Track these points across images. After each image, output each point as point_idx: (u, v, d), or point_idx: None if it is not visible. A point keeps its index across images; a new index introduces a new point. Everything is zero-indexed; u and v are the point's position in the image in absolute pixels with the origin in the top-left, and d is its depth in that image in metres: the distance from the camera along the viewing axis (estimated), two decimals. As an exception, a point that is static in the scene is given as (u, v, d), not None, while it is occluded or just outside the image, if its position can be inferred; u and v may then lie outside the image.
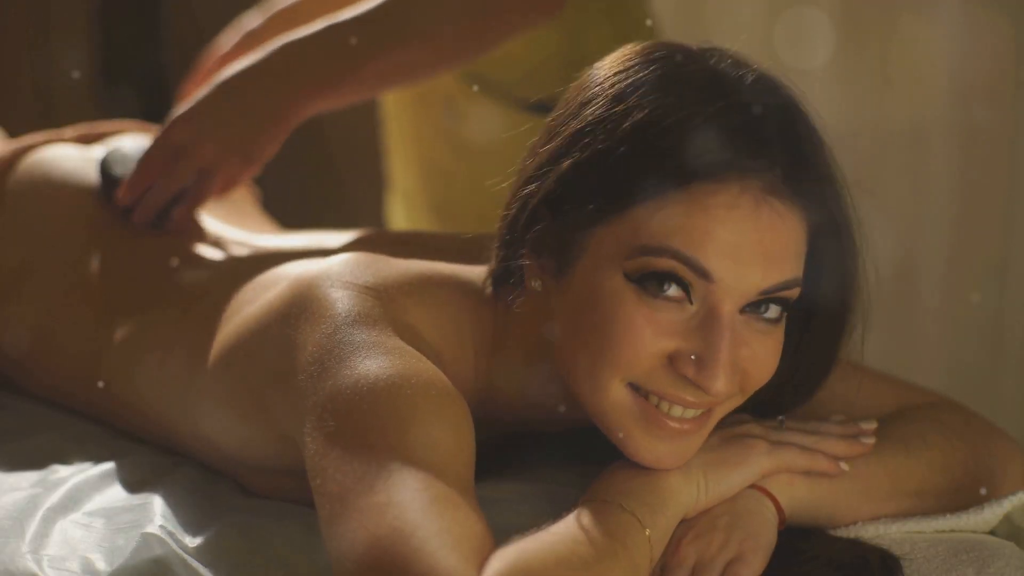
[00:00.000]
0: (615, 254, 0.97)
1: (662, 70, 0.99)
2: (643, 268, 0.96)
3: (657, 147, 0.96)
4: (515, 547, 0.89)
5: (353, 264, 1.08)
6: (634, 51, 1.02)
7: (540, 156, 1.02)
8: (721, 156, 0.95)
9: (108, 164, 1.43)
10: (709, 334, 0.96)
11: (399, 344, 1.00)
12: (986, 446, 1.13)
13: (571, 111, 1.01)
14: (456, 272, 1.11)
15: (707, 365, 0.96)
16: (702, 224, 0.95)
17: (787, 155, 0.97)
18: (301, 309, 1.05)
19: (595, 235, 0.98)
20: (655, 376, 0.97)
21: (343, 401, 0.96)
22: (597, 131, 0.98)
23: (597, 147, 0.97)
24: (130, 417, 1.31)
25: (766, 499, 1.03)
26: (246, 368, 1.09)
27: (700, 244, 0.95)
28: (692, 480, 1.01)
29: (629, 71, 1.00)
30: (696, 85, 0.98)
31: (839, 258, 1.01)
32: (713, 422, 1.01)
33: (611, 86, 1.00)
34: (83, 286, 1.36)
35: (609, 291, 0.97)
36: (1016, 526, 1.10)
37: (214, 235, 1.41)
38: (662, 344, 0.97)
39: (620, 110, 0.97)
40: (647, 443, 0.99)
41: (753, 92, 0.98)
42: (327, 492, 0.93)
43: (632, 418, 0.99)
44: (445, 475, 0.92)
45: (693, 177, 0.95)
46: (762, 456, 1.04)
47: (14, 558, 1.05)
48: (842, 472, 1.05)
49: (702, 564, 0.98)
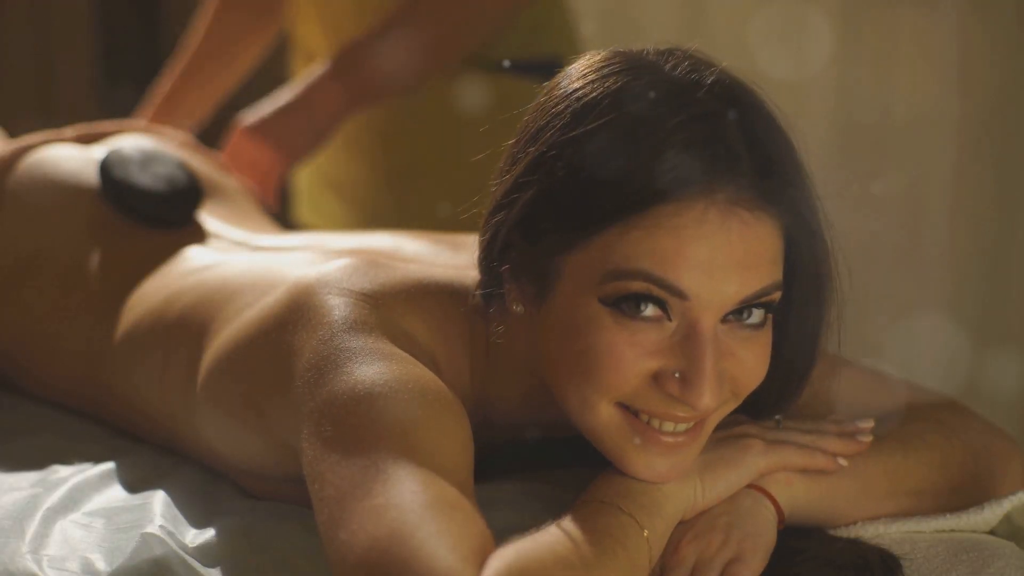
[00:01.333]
0: (588, 280, 0.95)
1: (616, 86, 0.96)
2: (617, 292, 0.94)
3: (616, 171, 0.94)
4: (514, 547, 0.89)
5: (350, 270, 1.08)
6: (588, 66, 1.00)
7: (506, 182, 1.00)
8: (683, 174, 0.93)
9: (108, 165, 1.43)
10: (691, 350, 0.95)
11: (395, 350, 1.00)
12: (986, 446, 1.13)
13: (529, 135, 0.99)
14: (453, 279, 1.10)
15: (691, 383, 0.95)
16: (670, 244, 0.93)
17: (751, 163, 0.95)
18: (298, 316, 1.05)
19: (568, 261, 0.97)
20: (642, 395, 0.97)
21: (340, 407, 0.96)
22: (556, 158, 0.96)
23: (557, 174, 0.96)
24: (130, 417, 1.31)
25: (764, 499, 1.03)
26: (243, 373, 1.09)
27: (671, 264, 0.93)
28: (689, 481, 1.00)
29: (584, 89, 0.97)
30: (652, 101, 0.95)
31: (810, 253, 0.99)
32: (708, 430, 1.00)
33: (566, 108, 0.97)
34: (83, 286, 1.36)
35: (587, 317, 0.96)
36: (1016, 526, 1.10)
37: (214, 235, 1.41)
38: (645, 364, 0.95)
39: (576, 135, 0.95)
40: (644, 460, 0.98)
41: (711, 100, 0.95)
42: (325, 496, 0.93)
43: (625, 437, 0.98)
44: (443, 477, 0.92)
45: (655, 199, 0.93)
46: (759, 456, 1.03)
47: (14, 558, 1.05)
48: (840, 468, 1.05)
49: (701, 564, 0.98)
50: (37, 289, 1.38)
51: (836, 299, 1.03)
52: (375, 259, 1.12)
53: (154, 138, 1.57)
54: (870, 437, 1.06)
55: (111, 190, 1.42)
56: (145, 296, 1.30)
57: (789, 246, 0.98)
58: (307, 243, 1.35)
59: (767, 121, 0.97)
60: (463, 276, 1.11)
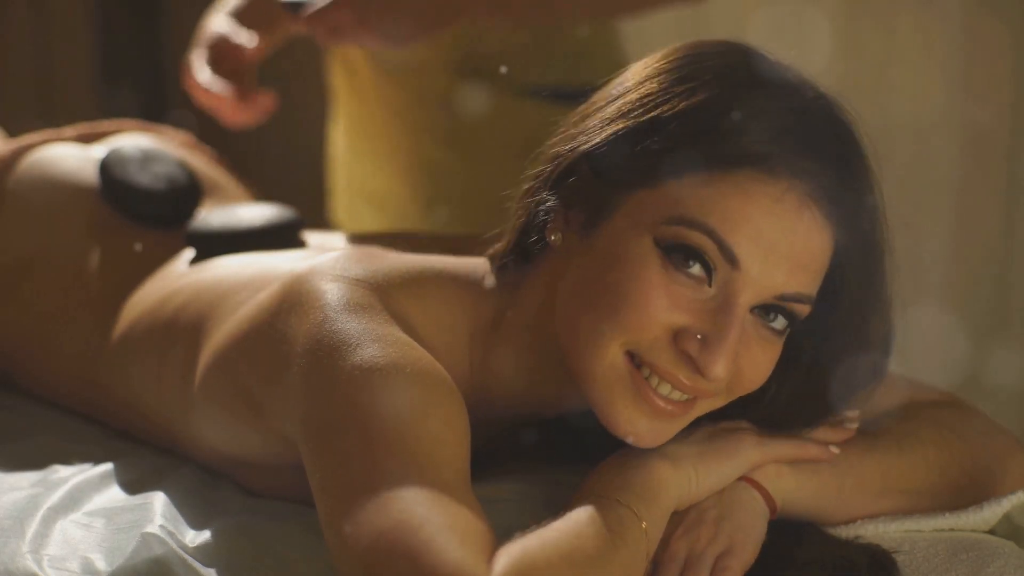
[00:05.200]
0: (650, 219, 0.98)
1: (733, 60, 1.01)
2: (675, 238, 0.96)
3: (718, 125, 0.97)
4: (519, 544, 0.90)
5: (344, 259, 1.08)
6: (701, 42, 1.04)
7: (589, 116, 1.03)
8: (779, 149, 0.96)
9: (108, 164, 1.43)
10: (721, 318, 0.96)
11: (391, 331, 1.00)
12: (985, 445, 1.13)
13: (633, 81, 1.02)
14: (448, 265, 1.11)
15: (712, 347, 0.96)
16: (743, 209, 0.96)
17: (838, 169, 0.98)
18: (292, 304, 1.04)
19: (634, 197, 0.99)
20: (656, 348, 0.98)
21: (340, 393, 0.96)
22: (659, 101, 0.99)
23: (658, 115, 0.98)
24: (128, 417, 1.31)
25: (754, 491, 1.04)
26: (240, 368, 1.09)
27: (737, 228, 0.96)
28: (683, 472, 1.01)
29: (697, 56, 1.02)
30: (765, 80, 0.99)
31: (862, 288, 1.02)
32: (694, 414, 1.01)
33: (678, 66, 1.01)
34: (82, 286, 1.36)
35: (635, 253, 0.97)
36: (1015, 525, 1.10)
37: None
38: (673, 317, 0.97)
39: (687, 87, 0.99)
40: (629, 414, 0.99)
41: (818, 102, 1.00)
42: (327, 487, 0.93)
43: (621, 386, 0.99)
44: (445, 468, 0.92)
45: (747, 162, 0.96)
46: (751, 447, 1.04)
47: (14, 558, 1.05)
48: (832, 456, 1.06)
49: (693, 558, 0.98)
50: (37, 289, 1.39)
51: (880, 350, 1.05)
52: (369, 251, 1.12)
53: (154, 138, 1.57)
54: (856, 423, 1.07)
55: (111, 189, 1.42)
56: (143, 296, 1.30)
57: (835, 268, 1.00)
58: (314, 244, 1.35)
59: (859, 146, 1.01)
60: (463, 262, 1.11)
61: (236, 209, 1.40)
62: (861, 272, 1.01)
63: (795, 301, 0.98)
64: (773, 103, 0.98)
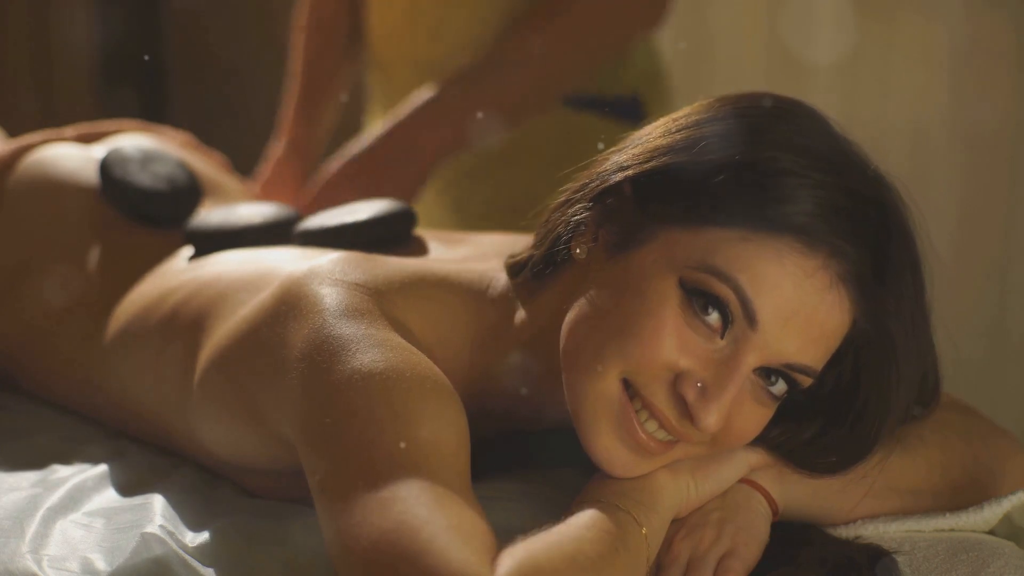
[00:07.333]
0: (681, 259, 0.97)
1: (800, 125, 1.00)
2: (701, 284, 0.96)
3: (771, 187, 0.97)
4: (523, 546, 0.90)
5: (342, 262, 1.08)
6: (774, 96, 1.03)
7: (648, 142, 1.03)
8: (824, 226, 0.96)
9: (108, 164, 1.43)
10: (725, 371, 0.96)
11: (389, 336, 1.00)
12: (986, 445, 1.13)
13: (696, 119, 1.02)
14: (449, 272, 1.11)
15: (710, 397, 0.96)
16: (774, 275, 0.96)
17: (876, 257, 0.98)
18: (289, 307, 1.04)
19: (669, 233, 0.99)
20: (654, 384, 0.97)
21: (339, 397, 0.96)
22: (718, 147, 0.99)
23: (714, 158, 0.98)
24: (127, 418, 1.31)
25: (756, 492, 1.04)
26: (238, 371, 1.09)
27: (763, 292, 0.96)
28: (681, 479, 1.01)
29: (766, 112, 1.01)
30: (826, 151, 0.99)
31: (880, 377, 1.01)
32: (672, 457, 1.01)
33: (744, 116, 1.01)
34: (82, 286, 1.36)
35: (657, 288, 0.97)
36: (1016, 526, 1.10)
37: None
38: (678, 359, 0.97)
39: (749, 138, 0.99)
40: (609, 442, 0.99)
41: (873, 185, 0.99)
42: (327, 488, 0.93)
43: (608, 413, 0.99)
44: (445, 470, 0.92)
45: (789, 230, 0.96)
46: (750, 451, 1.04)
47: (14, 558, 1.05)
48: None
49: (695, 560, 0.98)
50: (37, 289, 1.38)
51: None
52: (369, 254, 1.12)
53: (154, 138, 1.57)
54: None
55: (111, 189, 1.42)
56: (141, 292, 1.30)
57: (846, 349, 1.01)
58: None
59: (908, 237, 1.00)
60: (465, 269, 1.11)
61: (235, 207, 1.40)
62: (870, 360, 1.01)
63: (801, 372, 0.98)
64: (829, 177, 0.97)
